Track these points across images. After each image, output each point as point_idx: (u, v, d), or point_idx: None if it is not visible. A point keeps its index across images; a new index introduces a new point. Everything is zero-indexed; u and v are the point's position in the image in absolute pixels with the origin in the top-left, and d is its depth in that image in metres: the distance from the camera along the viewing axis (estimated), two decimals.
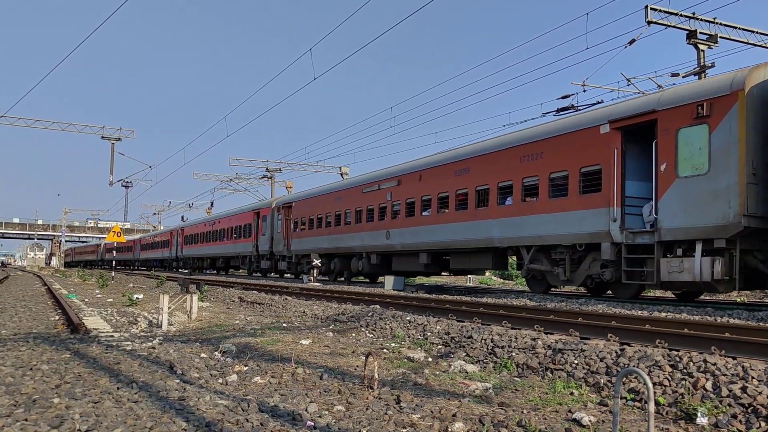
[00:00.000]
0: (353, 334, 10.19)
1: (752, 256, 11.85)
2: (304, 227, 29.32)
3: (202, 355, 7.76)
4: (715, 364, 5.77)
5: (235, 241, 38.61)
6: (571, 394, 5.88)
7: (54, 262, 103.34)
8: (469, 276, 36.88)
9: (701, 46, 21.77)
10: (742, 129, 11.39)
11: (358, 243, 24.44)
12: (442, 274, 24.08)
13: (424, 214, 20.37)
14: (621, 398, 5.48)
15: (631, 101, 14.20)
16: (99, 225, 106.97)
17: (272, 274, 37.13)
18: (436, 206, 19.72)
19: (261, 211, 34.69)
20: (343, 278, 28.02)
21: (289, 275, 34.90)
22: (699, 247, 11.81)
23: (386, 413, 4.96)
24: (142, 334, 10.18)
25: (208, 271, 47.31)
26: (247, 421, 4.59)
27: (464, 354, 7.95)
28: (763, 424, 4.67)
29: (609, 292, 15.76)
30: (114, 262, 51.44)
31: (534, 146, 16.02)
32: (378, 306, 12.88)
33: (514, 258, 18.74)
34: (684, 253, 12.16)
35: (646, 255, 12.99)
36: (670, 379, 5.72)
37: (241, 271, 47.21)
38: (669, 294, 17.96)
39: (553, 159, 15.32)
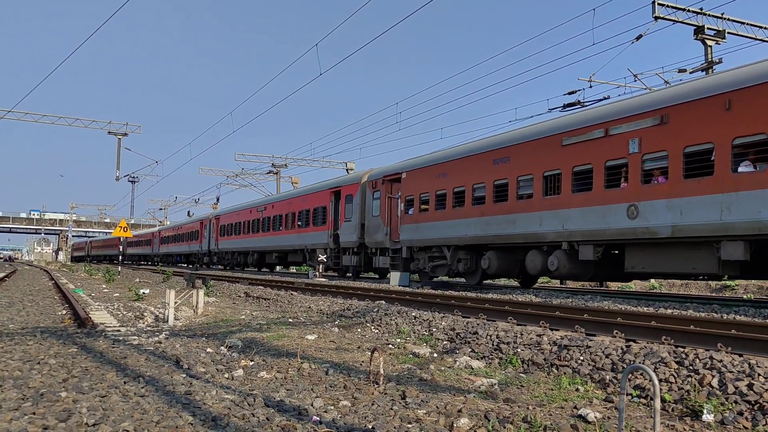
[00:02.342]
0: (359, 330, 10.21)
1: None
2: (425, 207, 20.35)
3: (208, 349, 7.79)
4: (721, 361, 5.75)
5: (300, 230, 29.59)
6: (577, 390, 5.88)
7: (61, 256, 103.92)
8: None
9: (709, 42, 21.65)
10: None
11: (551, 227, 15.01)
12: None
13: (740, 170, 11.18)
14: (627, 395, 5.48)
15: None
16: (105, 220, 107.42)
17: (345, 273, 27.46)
18: None
19: (343, 189, 25.79)
20: (472, 282, 19.05)
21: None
22: None
23: (392, 408, 4.97)
24: (149, 328, 10.22)
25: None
26: (253, 415, 4.61)
27: (469, 350, 7.96)
28: None
29: None
30: (121, 257, 50.18)
31: None
32: (383, 302, 12.90)
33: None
34: None
35: None
36: (676, 375, 5.71)
37: (300, 268, 39.30)
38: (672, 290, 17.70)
39: None
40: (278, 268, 40.61)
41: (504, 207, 16.55)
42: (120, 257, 46.61)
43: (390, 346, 8.53)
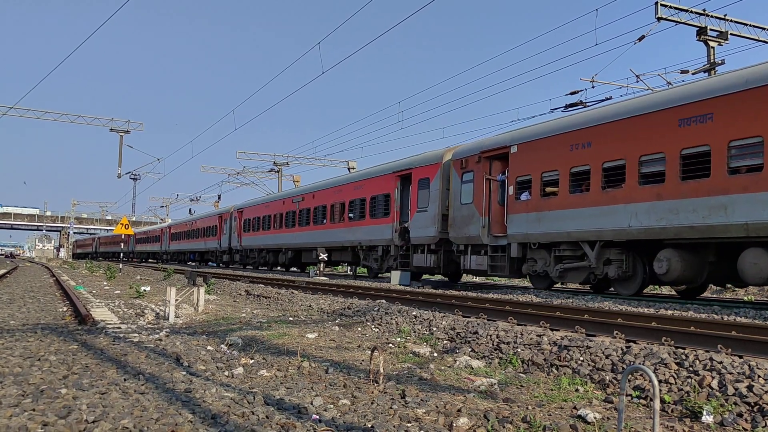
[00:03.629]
0: (359, 329, 10.21)
1: None
2: (552, 190, 15.27)
3: (209, 347, 7.80)
4: (721, 362, 5.75)
5: (351, 223, 24.49)
6: (577, 390, 5.88)
7: (62, 253, 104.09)
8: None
9: (711, 43, 21.63)
10: None
11: None
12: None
13: None
14: (626, 395, 5.48)
15: None
16: (107, 217, 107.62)
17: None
18: None
19: (414, 172, 20.81)
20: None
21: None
22: None
23: (391, 407, 4.97)
24: (149, 326, 10.24)
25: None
26: (253, 413, 4.61)
27: (470, 349, 7.96)
28: None
29: None
30: (122, 254, 49.83)
31: None
32: (384, 301, 12.91)
33: None
34: None
35: None
36: (675, 376, 5.71)
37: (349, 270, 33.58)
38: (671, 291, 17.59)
39: None
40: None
41: (704, 186, 11.57)
42: (122, 254, 45.80)
43: (390, 345, 8.54)
